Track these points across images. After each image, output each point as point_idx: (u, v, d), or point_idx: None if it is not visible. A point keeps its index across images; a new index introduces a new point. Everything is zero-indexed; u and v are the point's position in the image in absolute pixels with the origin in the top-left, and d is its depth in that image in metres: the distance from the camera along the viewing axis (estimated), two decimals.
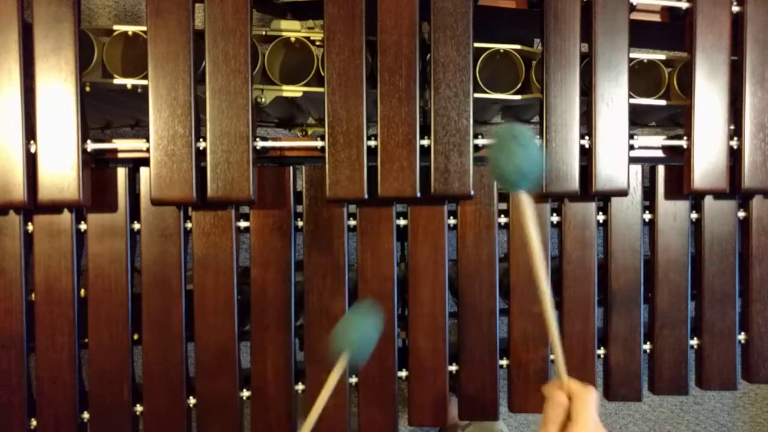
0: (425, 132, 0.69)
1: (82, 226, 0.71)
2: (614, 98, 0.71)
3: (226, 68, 0.68)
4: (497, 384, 0.75)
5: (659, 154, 0.76)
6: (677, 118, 0.97)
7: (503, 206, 0.74)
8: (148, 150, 0.68)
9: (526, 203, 0.49)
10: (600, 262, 0.75)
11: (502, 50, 0.76)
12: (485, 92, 0.75)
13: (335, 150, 0.68)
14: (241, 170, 0.68)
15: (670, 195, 0.75)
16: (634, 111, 0.73)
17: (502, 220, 0.73)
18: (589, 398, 0.55)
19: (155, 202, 0.68)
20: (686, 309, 0.76)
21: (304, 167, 0.72)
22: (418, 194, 0.69)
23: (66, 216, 0.70)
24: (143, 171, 0.71)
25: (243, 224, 0.72)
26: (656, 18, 0.77)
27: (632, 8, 0.72)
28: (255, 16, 0.72)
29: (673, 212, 0.75)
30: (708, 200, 0.75)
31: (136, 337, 0.72)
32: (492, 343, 0.74)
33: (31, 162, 0.67)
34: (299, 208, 0.73)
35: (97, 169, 0.71)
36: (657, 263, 0.76)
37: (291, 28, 0.78)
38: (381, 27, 0.69)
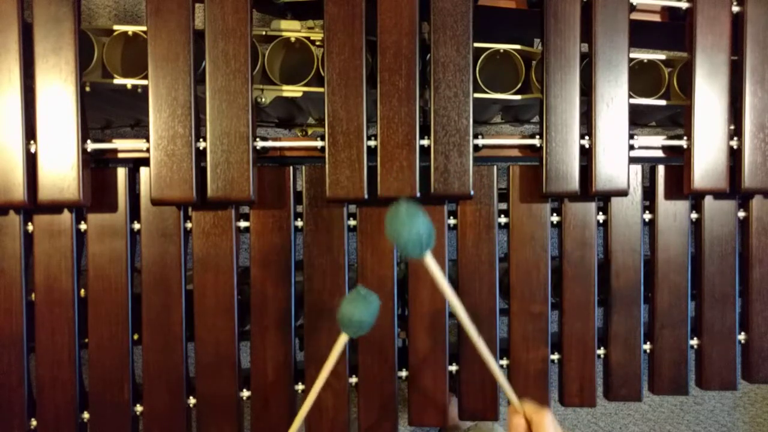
0: (425, 132, 0.69)
1: (82, 226, 0.71)
2: (614, 98, 0.71)
3: (226, 68, 0.68)
4: (497, 384, 0.75)
5: (659, 154, 0.76)
6: (677, 118, 0.97)
7: (503, 206, 0.74)
8: (148, 150, 0.68)
9: (432, 263, 0.55)
10: (600, 262, 0.75)
11: (502, 50, 0.76)
12: (485, 92, 0.75)
13: (335, 150, 0.68)
14: (241, 170, 0.68)
15: (670, 195, 0.75)
16: (634, 111, 0.73)
17: (502, 220, 0.74)
18: (545, 421, 0.59)
19: (155, 202, 0.69)
20: (686, 309, 0.76)
21: (304, 167, 0.72)
22: (418, 194, 0.69)
23: (66, 216, 0.70)
24: (143, 171, 0.71)
25: (243, 224, 0.72)
26: (656, 18, 0.77)
27: (632, 8, 0.72)
28: (255, 16, 0.72)
29: (673, 212, 0.75)
30: (708, 200, 0.75)
31: (136, 337, 0.72)
32: (492, 343, 0.74)
33: (31, 162, 0.67)
34: (299, 208, 0.73)
35: (97, 169, 0.71)
36: (657, 263, 0.76)
37: (291, 28, 0.78)
38: (381, 27, 0.69)
